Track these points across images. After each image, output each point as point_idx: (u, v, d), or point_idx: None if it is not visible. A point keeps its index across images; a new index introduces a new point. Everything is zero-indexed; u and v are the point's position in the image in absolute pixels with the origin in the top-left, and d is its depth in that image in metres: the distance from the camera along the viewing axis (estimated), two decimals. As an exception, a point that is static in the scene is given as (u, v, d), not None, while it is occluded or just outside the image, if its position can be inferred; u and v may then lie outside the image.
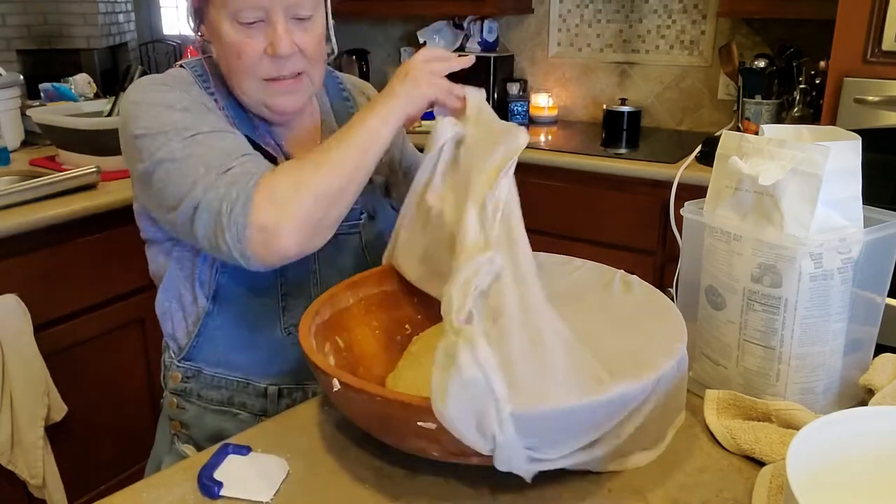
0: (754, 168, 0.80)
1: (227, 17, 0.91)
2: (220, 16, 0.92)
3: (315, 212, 0.83)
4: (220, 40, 0.94)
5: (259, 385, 1.03)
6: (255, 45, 0.92)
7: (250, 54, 0.92)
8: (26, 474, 1.67)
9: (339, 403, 0.73)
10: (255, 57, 0.93)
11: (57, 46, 4.80)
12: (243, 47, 0.92)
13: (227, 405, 1.04)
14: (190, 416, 1.06)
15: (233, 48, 0.92)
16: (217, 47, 0.95)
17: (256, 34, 0.92)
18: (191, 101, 0.93)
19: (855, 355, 0.86)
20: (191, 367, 1.05)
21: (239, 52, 0.92)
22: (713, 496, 0.72)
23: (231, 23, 0.91)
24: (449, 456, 0.70)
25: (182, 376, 1.05)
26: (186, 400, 1.06)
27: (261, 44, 0.92)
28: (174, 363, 1.05)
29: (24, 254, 1.67)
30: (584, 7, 2.83)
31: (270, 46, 0.92)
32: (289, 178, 0.83)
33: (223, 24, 0.92)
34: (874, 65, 1.75)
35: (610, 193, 2.24)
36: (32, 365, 1.67)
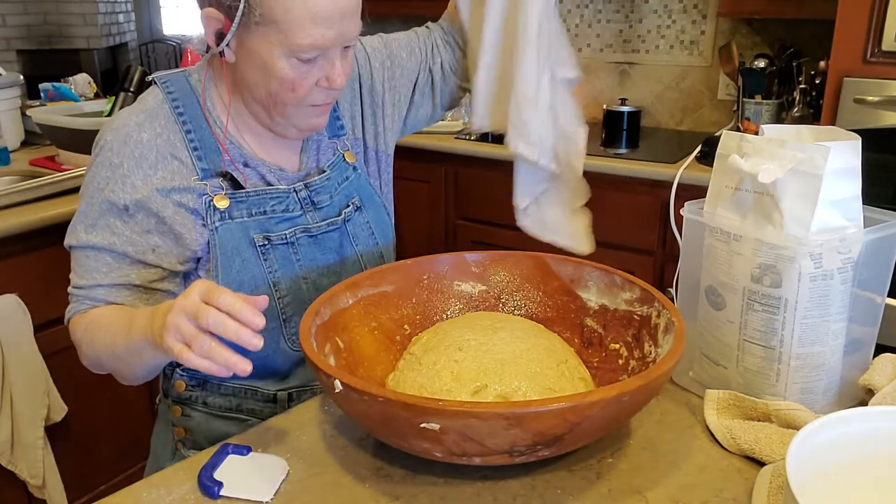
0: (754, 167, 0.80)
1: (282, 54, 0.89)
2: (273, 51, 0.89)
3: (92, 363, 0.99)
4: (265, 71, 0.91)
5: (268, 391, 1.03)
6: (310, 78, 0.92)
7: (306, 86, 0.92)
8: (26, 474, 1.67)
9: (341, 404, 0.73)
10: (308, 89, 0.93)
11: (57, 46, 4.80)
12: (300, 81, 0.91)
13: (236, 412, 1.04)
14: (195, 422, 1.05)
15: (287, 82, 0.91)
16: (254, 73, 0.92)
17: (311, 68, 0.92)
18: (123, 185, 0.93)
19: (855, 355, 0.86)
20: (196, 376, 1.03)
21: (294, 86, 0.92)
22: (713, 496, 0.72)
23: (288, 59, 0.89)
24: (450, 456, 0.70)
25: (186, 384, 1.04)
26: (192, 407, 1.05)
27: (314, 76, 0.92)
28: (176, 371, 1.04)
29: (24, 254, 1.67)
30: (584, 7, 2.83)
31: (326, 80, 0.93)
32: (76, 335, 1.00)
33: (277, 60, 0.89)
34: (874, 65, 1.75)
35: (610, 193, 2.24)
36: (32, 365, 1.67)
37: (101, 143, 0.95)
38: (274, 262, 0.98)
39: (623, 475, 0.75)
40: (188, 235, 0.95)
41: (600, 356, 0.92)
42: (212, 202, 0.95)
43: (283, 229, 0.99)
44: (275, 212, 0.99)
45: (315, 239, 1.02)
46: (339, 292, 0.89)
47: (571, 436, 0.68)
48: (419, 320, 0.97)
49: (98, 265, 0.97)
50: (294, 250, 1.00)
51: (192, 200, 0.95)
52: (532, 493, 0.73)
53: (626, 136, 2.63)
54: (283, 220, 0.99)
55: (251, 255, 0.96)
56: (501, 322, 0.89)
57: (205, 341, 0.73)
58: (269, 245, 0.98)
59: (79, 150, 1.98)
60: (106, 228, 0.95)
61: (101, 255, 0.96)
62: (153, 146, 0.94)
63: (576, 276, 0.97)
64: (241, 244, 0.96)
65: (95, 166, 0.95)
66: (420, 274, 0.99)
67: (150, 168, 0.94)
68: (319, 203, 1.03)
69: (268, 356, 1.00)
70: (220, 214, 0.95)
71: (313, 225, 1.01)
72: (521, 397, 0.77)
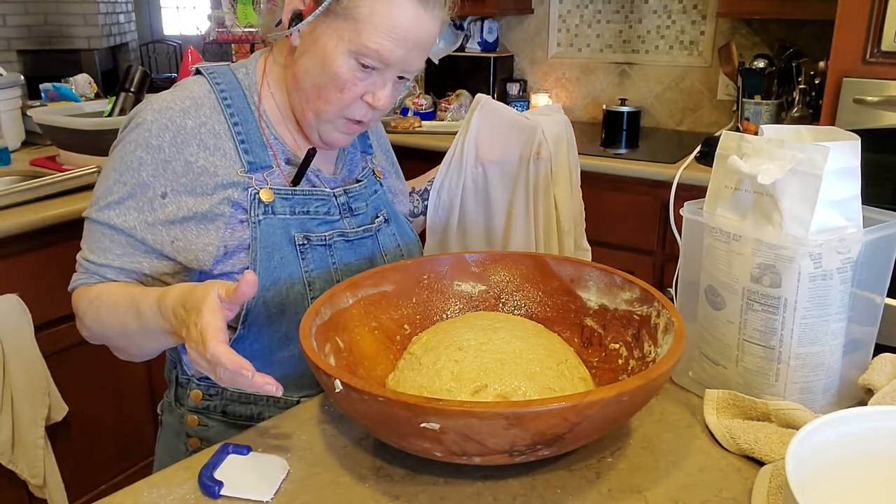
0: (754, 167, 0.80)
1: (347, 51, 0.90)
2: (339, 45, 0.90)
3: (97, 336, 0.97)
4: (323, 62, 0.91)
5: (290, 399, 1.01)
6: (360, 87, 0.93)
7: (353, 93, 0.93)
8: (27, 474, 1.67)
9: (341, 404, 0.73)
10: (353, 97, 0.93)
11: (57, 47, 4.81)
12: (350, 85, 0.92)
13: (257, 420, 1.00)
14: (214, 432, 1.02)
15: (338, 80, 0.92)
16: (310, 62, 0.93)
17: (365, 78, 0.92)
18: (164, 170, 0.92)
19: (854, 355, 0.86)
20: (213, 385, 1.00)
21: (343, 87, 0.92)
22: (713, 496, 0.72)
23: (349, 58, 0.90)
24: (451, 456, 0.70)
25: (204, 394, 1.01)
26: (210, 417, 1.02)
27: (364, 88, 0.93)
28: (192, 381, 1.02)
29: (24, 254, 1.67)
30: (584, 7, 2.84)
31: (373, 97, 0.94)
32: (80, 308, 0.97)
33: (339, 55, 0.90)
34: (873, 65, 1.76)
35: (610, 193, 2.24)
36: (33, 365, 1.67)
37: (139, 120, 0.93)
38: (311, 261, 0.98)
39: (623, 475, 0.75)
40: (222, 229, 0.93)
41: (600, 356, 0.92)
42: (257, 195, 0.94)
43: (323, 231, 1.00)
44: (318, 213, 0.99)
45: (351, 244, 1.03)
46: (339, 292, 0.89)
47: (571, 435, 0.68)
48: (419, 320, 0.97)
49: (112, 246, 0.94)
50: (330, 252, 1.00)
51: (236, 193, 0.93)
52: (532, 493, 0.73)
53: (626, 136, 2.63)
54: (323, 222, 1.00)
55: (290, 252, 0.96)
56: (501, 322, 0.89)
57: (226, 375, 0.73)
58: (307, 245, 0.98)
59: (79, 150, 1.98)
60: (131, 210, 0.93)
61: (117, 237, 0.93)
62: (196, 135, 0.93)
63: (575, 276, 0.97)
64: (281, 240, 0.96)
65: (130, 144, 0.92)
66: (420, 274, 0.99)
67: (193, 157, 0.92)
68: (356, 210, 1.04)
69: (294, 360, 1.00)
70: (265, 208, 0.95)
71: (350, 230, 1.03)
72: (520, 397, 0.77)
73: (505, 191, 1.22)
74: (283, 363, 0.99)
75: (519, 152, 1.19)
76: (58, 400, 1.73)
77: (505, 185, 1.21)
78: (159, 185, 0.92)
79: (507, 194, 1.22)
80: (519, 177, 1.20)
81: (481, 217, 1.23)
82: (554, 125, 1.21)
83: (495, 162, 1.20)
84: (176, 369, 1.05)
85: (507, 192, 1.22)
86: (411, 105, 2.90)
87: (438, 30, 0.96)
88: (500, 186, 1.22)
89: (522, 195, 1.20)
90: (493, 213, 1.23)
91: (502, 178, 1.21)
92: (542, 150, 1.19)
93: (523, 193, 1.20)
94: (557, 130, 1.22)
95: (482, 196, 1.23)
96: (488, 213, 1.23)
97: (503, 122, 1.19)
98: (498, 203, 1.22)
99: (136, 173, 0.92)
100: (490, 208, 1.23)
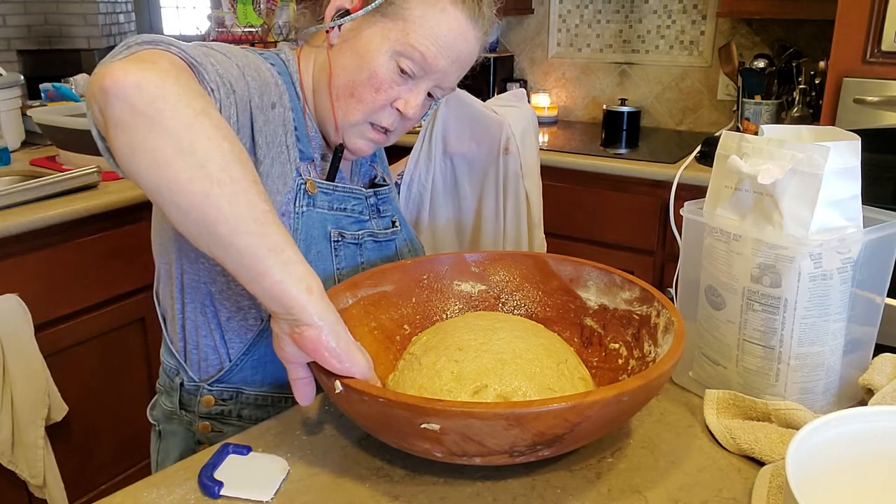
0: (754, 167, 0.80)
1: (390, 51, 0.90)
2: (383, 44, 0.90)
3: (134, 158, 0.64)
4: (363, 60, 0.91)
5: None
6: (394, 91, 0.93)
7: (387, 95, 0.92)
8: (27, 474, 1.67)
9: (342, 405, 0.73)
10: (385, 101, 0.93)
11: (57, 47, 4.80)
12: (386, 87, 0.92)
13: None
14: (227, 437, 1.01)
15: (375, 79, 0.91)
16: (349, 59, 0.92)
17: (402, 83, 0.92)
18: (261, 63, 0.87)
19: (854, 355, 0.86)
20: (227, 389, 0.98)
21: (378, 88, 0.92)
22: (713, 496, 0.72)
23: (390, 59, 0.90)
24: (451, 457, 0.70)
25: (216, 399, 0.98)
26: (224, 422, 0.99)
27: (397, 93, 0.93)
28: (203, 387, 0.98)
29: (24, 254, 1.67)
30: (584, 7, 2.84)
31: (404, 103, 0.93)
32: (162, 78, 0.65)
33: (381, 54, 0.90)
34: (873, 65, 1.76)
35: (610, 193, 2.24)
36: (33, 365, 1.67)
37: None
38: (343, 259, 0.98)
39: (623, 475, 0.75)
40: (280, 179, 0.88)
41: (600, 356, 0.92)
42: (304, 185, 0.93)
43: (355, 230, 1.00)
44: (353, 211, 1.00)
45: (379, 244, 1.03)
46: (338, 292, 0.89)
47: (572, 436, 0.68)
48: (419, 320, 0.97)
49: (238, 67, 0.81)
50: (360, 252, 1.01)
51: (290, 170, 0.91)
52: (532, 493, 0.73)
53: (626, 136, 2.63)
54: (356, 220, 1.00)
55: (325, 248, 0.96)
56: (501, 322, 0.89)
57: None
58: (341, 242, 0.98)
59: (79, 150, 1.98)
60: (240, 80, 0.81)
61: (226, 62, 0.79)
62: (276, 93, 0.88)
63: (575, 276, 0.97)
64: (319, 235, 0.95)
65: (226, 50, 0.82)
66: (420, 274, 0.99)
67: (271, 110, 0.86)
68: (384, 212, 1.06)
69: None
70: (308, 200, 0.94)
71: (379, 231, 1.04)
72: (521, 397, 0.77)
73: (474, 185, 1.22)
74: None
75: (487, 147, 1.19)
76: (58, 400, 1.73)
77: (474, 180, 1.22)
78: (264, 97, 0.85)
79: (476, 189, 1.22)
80: (488, 172, 1.21)
81: (451, 211, 1.24)
82: (520, 118, 1.20)
83: (463, 155, 1.21)
84: (179, 376, 1.00)
85: (477, 186, 1.22)
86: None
87: (477, 53, 0.97)
88: (469, 180, 1.22)
89: (492, 191, 1.21)
90: (462, 208, 1.24)
91: (470, 172, 1.22)
92: (510, 145, 1.19)
93: (493, 189, 1.21)
94: (524, 124, 1.21)
95: (451, 189, 1.23)
96: (458, 207, 1.24)
97: (470, 115, 1.20)
98: (467, 198, 1.23)
99: (246, 61, 0.83)
100: (460, 202, 1.23)
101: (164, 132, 0.62)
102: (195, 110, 0.64)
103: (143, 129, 0.62)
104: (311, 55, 0.98)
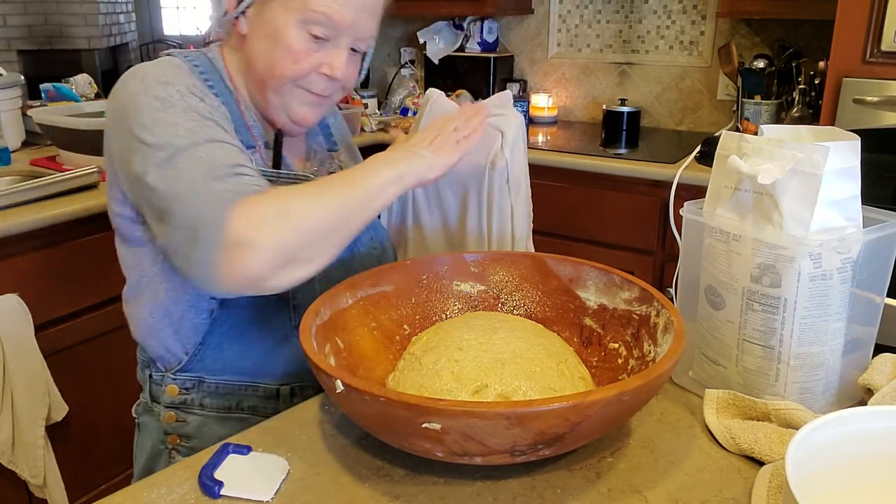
0: (754, 167, 0.80)
1: (296, 23, 0.91)
2: (288, 17, 0.91)
3: (292, 243, 0.79)
4: (274, 39, 0.92)
5: (270, 387, 1.02)
6: (314, 59, 0.94)
7: (308, 63, 0.93)
8: (27, 474, 1.67)
9: (342, 405, 0.73)
10: (308, 69, 0.94)
11: (58, 47, 4.80)
12: (303, 56, 0.93)
13: (236, 410, 1.02)
14: (192, 427, 1.03)
15: (291, 52, 0.92)
16: (262, 44, 0.94)
17: (319, 49, 0.93)
18: (190, 99, 0.90)
19: (854, 355, 0.86)
20: (190, 378, 1.01)
21: (296, 59, 0.93)
22: (713, 496, 0.72)
23: (299, 29, 0.92)
24: (452, 456, 0.70)
25: (180, 388, 1.01)
26: (187, 412, 1.02)
27: (318, 59, 0.94)
28: (167, 377, 1.02)
29: (24, 254, 1.67)
30: (584, 7, 2.84)
31: (329, 67, 0.94)
32: (275, 202, 0.80)
33: (290, 28, 0.91)
34: (873, 65, 1.76)
35: (610, 193, 2.24)
36: (33, 365, 1.67)
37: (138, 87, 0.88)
38: None
39: (623, 475, 0.76)
40: None
41: (599, 355, 0.92)
42: None
43: None
44: None
45: None
46: (338, 292, 0.89)
47: (572, 435, 0.68)
48: (419, 320, 0.97)
49: (231, 148, 0.87)
50: None
51: None
52: (532, 493, 0.73)
53: (626, 136, 2.63)
54: None
55: None
56: (501, 322, 0.89)
57: None
58: None
59: (79, 150, 1.98)
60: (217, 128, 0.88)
61: (224, 145, 0.87)
62: (182, 102, 0.89)
63: (574, 276, 0.97)
64: None
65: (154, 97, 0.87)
66: (419, 274, 0.99)
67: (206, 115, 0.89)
68: None
69: (273, 346, 1.00)
70: None
71: None
72: (521, 397, 0.77)
73: (457, 196, 1.17)
74: (262, 351, 1.00)
75: (474, 160, 1.12)
76: (58, 400, 1.73)
77: (456, 191, 1.17)
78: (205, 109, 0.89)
79: (458, 200, 1.17)
80: (471, 185, 1.15)
81: (436, 221, 1.20)
82: (510, 128, 1.14)
83: None
84: (149, 368, 1.04)
85: (459, 197, 1.17)
86: (411, 105, 2.90)
87: None
88: (452, 191, 1.17)
89: (475, 205, 1.16)
90: (448, 218, 1.19)
91: (452, 182, 1.16)
92: (499, 160, 1.13)
93: (476, 203, 1.16)
94: (513, 135, 1.14)
95: (434, 198, 1.19)
96: (443, 216, 1.20)
97: None
98: (451, 208, 1.18)
99: (171, 117, 0.86)
100: (444, 211, 1.19)
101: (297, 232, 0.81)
102: (293, 224, 0.80)
103: None
104: (233, 50, 1.00)
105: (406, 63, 3.15)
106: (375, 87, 3.16)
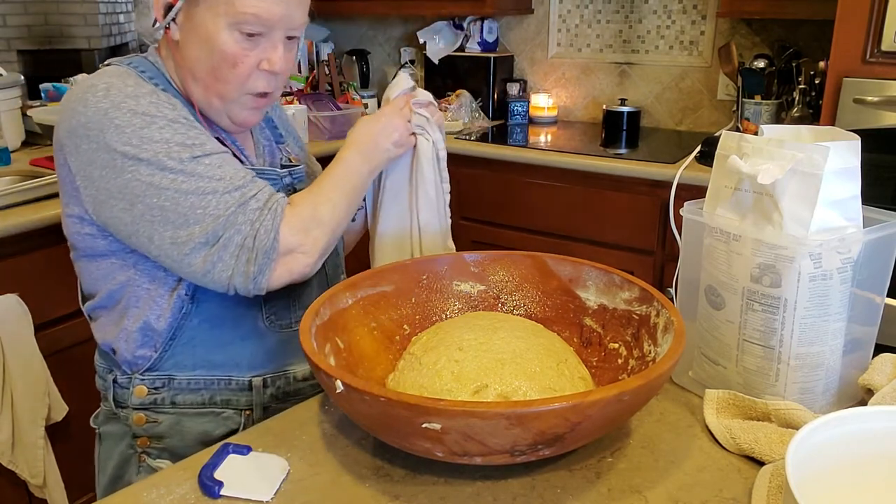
0: (754, 167, 0.80)
1: (226, 25, 0.91)
2: (218, 22, 0.90)
3: (327, 242, 0.96)
4: (208, 45, 0.92)
5: (242, 379, 1.02)
6: (252, 57, 0.93)
7: (247, 65, 0.93)
8: (27, 474, 1.67)
9: (342, 405, 0.73)
10: (249, 69, 0.94)
11: (57, 47, 4.80)
12: (241, 58, 0.92)
13: (209, 405, 1.01)
14: (165, 427, 1.01)
15: (228, 56, 0.92)
16: (197, 50, 0.93)
17: (254, 47, 0.93)
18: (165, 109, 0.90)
19: (854, 355, 0.86)
20: (159, 377, 1.00)
21: (235, 62, 0.92)
22: (713, 496, 0.72)
23: (230, 31, 0.91)
24: (452, 456, 0.70)
25: (149, 388, 1.00)
26: (158, 412, 1.01)
27: (256, 57, 0.94)
28: (135, 378, 1.00)
29: (24, 254, 1.67)
30: (584, 7, 2.83)
31: (267, 62, 0.94)
32: (308, 209, 0.94)
33: (220, 32, 0.91)
34: (873, 65, 1.75)
35: (610, 193, 2.24)
36: (33, 365, 1.67)
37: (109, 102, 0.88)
38: None
39: (623, 475, 0.76)
40: None
41: (599, 355, 0.92)
42: None
43: None
44: None
45: None
46: (338, 292, 0.89)
47: (572, 435, 0.68)
48: (418, 320, 0.97)
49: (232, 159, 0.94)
50: None
51: None
52: (532, 493, 0.73)
53: (626, 136, 2.63)
54: None
55: None
56: (501, 322, 0.89)
57: None
58: None
59: (79, 150, 1.98)
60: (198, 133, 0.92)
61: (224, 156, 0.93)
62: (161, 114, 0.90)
63: (574, 276, 0.97)
64: None
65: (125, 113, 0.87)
66: (419, 274, 0.99)
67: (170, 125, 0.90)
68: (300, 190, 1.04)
69: (244, 338, 1.00)
70: None
71: None
72: (521, 397, 0.77)
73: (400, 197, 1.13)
74: (234, 344, 1.00)
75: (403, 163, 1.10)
76: (58, 400, 1.73)
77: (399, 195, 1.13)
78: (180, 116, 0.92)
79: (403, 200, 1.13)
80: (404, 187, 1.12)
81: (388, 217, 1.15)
82: (439, 132, 1.10)
83: None
84: (112, 373, 1.02)
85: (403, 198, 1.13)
86: (411, 105, 2.90)
87: None
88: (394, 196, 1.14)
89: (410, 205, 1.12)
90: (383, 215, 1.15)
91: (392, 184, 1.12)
92: None
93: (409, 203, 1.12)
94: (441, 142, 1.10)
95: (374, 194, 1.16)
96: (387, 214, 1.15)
97: None
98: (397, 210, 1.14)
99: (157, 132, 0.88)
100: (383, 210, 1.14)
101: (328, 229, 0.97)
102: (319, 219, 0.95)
103: None
104: (168, 56, 0.99)
105: (406, 63, 3.15)
106: (375, 87, 3.17)
